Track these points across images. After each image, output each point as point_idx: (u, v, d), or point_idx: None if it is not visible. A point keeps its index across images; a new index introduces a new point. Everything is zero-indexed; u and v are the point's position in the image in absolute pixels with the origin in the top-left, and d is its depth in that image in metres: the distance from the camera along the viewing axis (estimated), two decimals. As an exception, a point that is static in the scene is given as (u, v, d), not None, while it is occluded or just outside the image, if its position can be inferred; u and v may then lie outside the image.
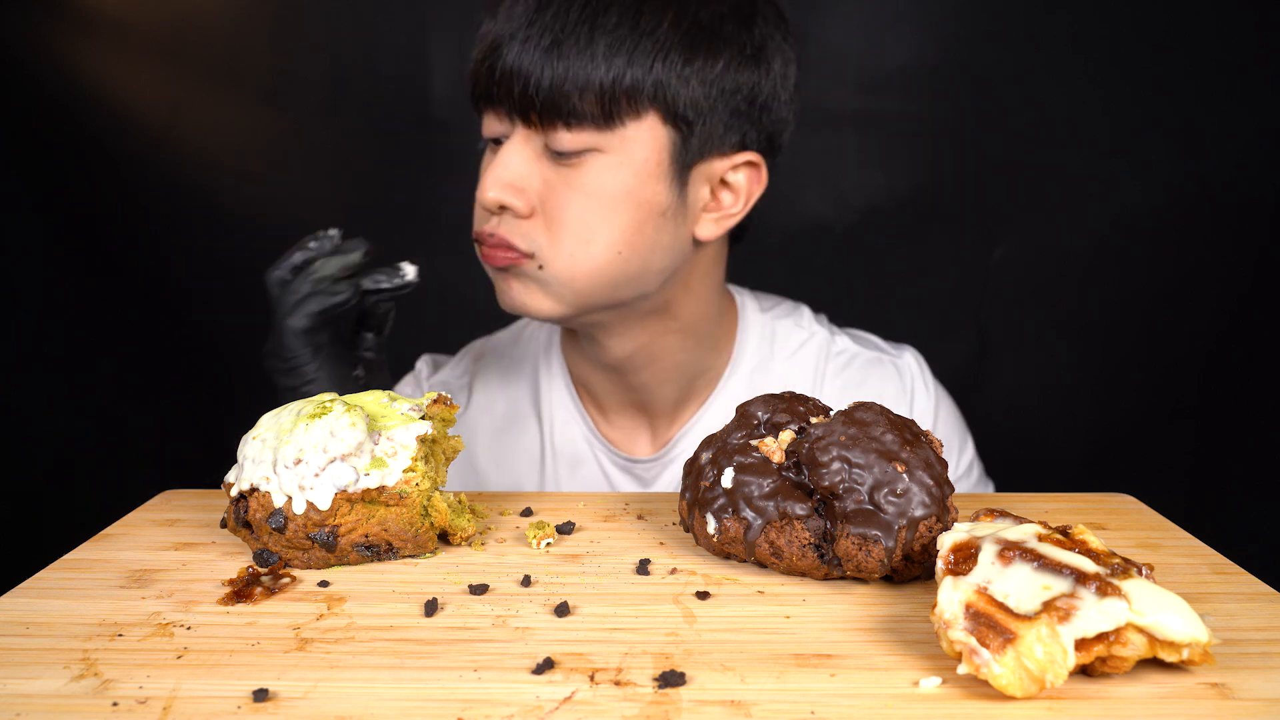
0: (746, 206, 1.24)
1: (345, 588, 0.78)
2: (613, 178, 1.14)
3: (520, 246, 1.17)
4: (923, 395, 1.40)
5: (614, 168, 1.14)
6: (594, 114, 1.12)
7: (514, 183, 1.15)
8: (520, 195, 1.15)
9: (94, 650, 0.67)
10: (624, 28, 1.11)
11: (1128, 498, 1.01)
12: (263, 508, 0.80)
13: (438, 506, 0.85)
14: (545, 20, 1.11)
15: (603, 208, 1.15)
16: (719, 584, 0.79)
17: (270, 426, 0.82)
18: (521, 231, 1.16)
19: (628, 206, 1.15)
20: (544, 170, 1.15)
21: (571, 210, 1.15)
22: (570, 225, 1.15)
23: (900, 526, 0.75)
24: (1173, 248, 2.06)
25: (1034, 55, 2.00)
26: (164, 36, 2.01)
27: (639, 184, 1.15)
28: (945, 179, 2.08)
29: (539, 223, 1.16)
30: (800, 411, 0.86)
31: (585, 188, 1.14)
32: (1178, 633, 0.60)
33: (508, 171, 1.15)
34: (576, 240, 1.15)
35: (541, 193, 1.16)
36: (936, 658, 0.65)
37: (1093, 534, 0.68)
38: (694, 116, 1.15)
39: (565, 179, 1.15)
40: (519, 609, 0.74)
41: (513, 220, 1.17)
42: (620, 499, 1.00)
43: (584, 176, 1.14)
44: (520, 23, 1.12)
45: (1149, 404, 2.16)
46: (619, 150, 1.14)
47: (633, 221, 1.16)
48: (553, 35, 1.10)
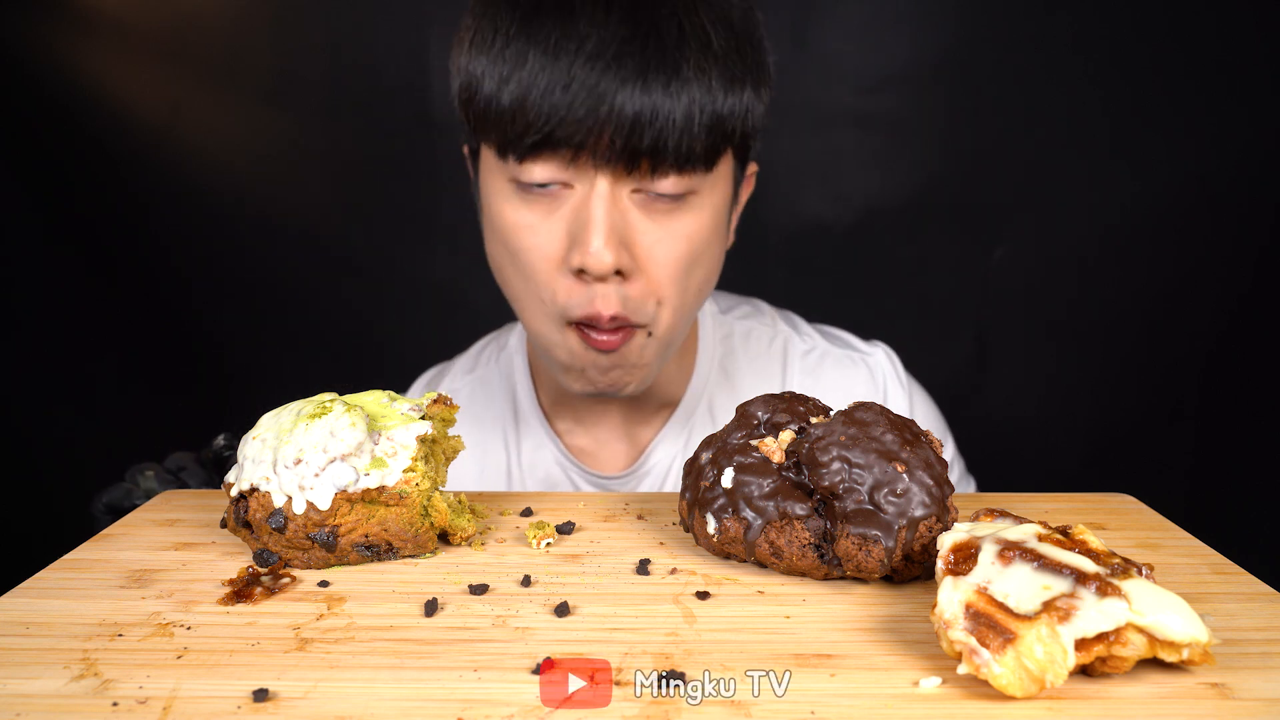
0: (739, 210, 1.21)
1: (345, 588, 0.78)
2: (706, 218, 1.07)
3: (637, 320, 1.07)
4: (896, 392, 1.37)
5: (706, 207, 1.07)
6: (702, 152, 1.02)
7: (623, 241, 1.04)
8: (628, 254, 1.04)
9: (94, 650, 0.67)
10: (694, 49, 1.00)
11: (1128, 498, 1.01)
12: (262, 508, 0.80)
13: (438, 506, 0.85)
14: (617, 46, 0.99)
15: (699, 254, 1.08)
16: (719, 584, 0.79)
17: (270, 427, 0.82)
18: (628, 298, 1.06)
19: (716, 245, 1.09)
20: (637, 220, 1.05)
21: (676, 260, 1.06)
22: (676, 278, 1.07)
23: (900, 526, 0.75)
24: (1173, 248, 2.07)
25: (1034, 56, 2.01)
26: (164, 36, 2.01)
27: (721, 220, 1.09)
28: (945, 179, 2.08)
29: (640, 284, 1.06)
30: (800, 411, 0.86)
31: (688, 236, 1.06)
32: (1178, 633, 0.60)
33: (614, 229, 1.02)
34: (682, 294, 1.08)
35: (643, 246, 1.05)
36: (936, 658, 0.65)
37: (1093, 534, 0.68)
38: (754, 143, 1.10)
39: (663, 228, 1.05)
40: (519, 609, 0.74)
41: (620, 287, 1.05)
42: (620, 499, 1.00)
43: (683, 224, 1.06)
44: (591, 51, 0.99)
45: (1149, 404, 2.16)
46: (710, 188, 1.07)
47: (716, 261, 1.11)
48: (635, 62, 0.98)
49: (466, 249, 1.23)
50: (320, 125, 2.09)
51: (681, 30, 1.00)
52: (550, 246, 1.06)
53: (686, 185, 1.03)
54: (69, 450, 2.17)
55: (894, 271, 2.12)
